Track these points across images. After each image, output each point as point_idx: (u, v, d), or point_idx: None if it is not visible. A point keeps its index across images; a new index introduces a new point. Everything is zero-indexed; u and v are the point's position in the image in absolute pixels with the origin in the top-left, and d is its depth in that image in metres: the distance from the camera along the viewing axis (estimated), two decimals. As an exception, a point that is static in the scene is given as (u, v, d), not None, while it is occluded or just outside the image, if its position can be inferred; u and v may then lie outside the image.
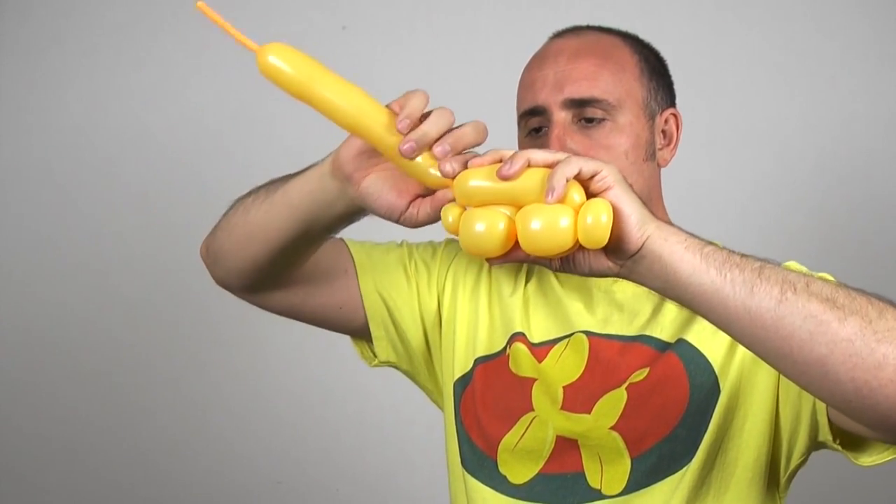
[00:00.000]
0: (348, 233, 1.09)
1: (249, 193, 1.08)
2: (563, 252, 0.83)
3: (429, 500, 1.75)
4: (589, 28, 1.14)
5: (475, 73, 2.01)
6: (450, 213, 0.87)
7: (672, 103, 1.15)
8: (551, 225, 0.81)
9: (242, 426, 2.08)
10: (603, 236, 0.80)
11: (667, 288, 0.84)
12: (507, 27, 2.03)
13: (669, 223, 1.14)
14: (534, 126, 1.09)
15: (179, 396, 2.07)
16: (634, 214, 0.83)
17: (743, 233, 1.61)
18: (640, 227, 0.83)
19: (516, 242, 0.84)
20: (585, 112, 1.06)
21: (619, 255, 0.84)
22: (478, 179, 0.85)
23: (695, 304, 0.83)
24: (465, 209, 0.86)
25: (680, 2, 2.01)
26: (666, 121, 1.13)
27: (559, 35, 1.14)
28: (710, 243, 0.84)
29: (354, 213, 1.00)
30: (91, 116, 2.08)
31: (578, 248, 0.83)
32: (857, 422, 0.85)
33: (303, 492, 2.08)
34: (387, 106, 0.90)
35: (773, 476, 1.05)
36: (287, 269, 1.09)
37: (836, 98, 1.97)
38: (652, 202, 1.11)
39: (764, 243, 1.34)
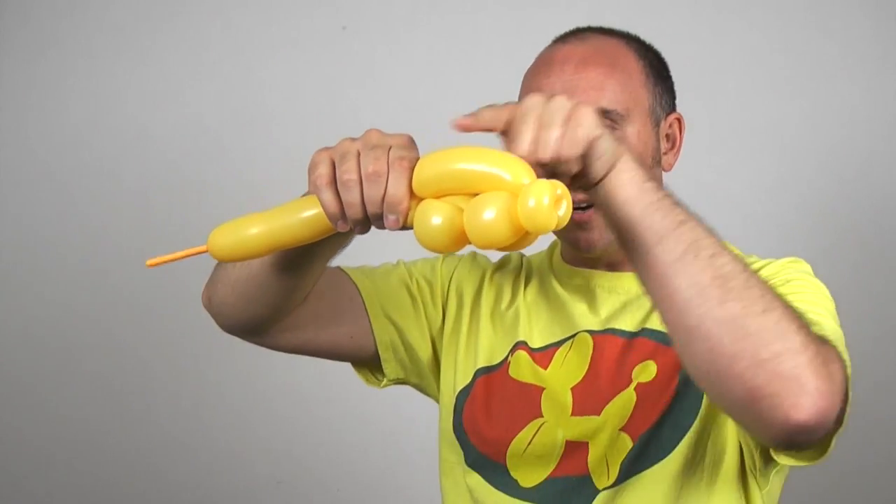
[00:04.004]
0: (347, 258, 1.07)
1: None
2: (509, 244, 0.78)
3: (429, 500, 1.75)
4: (591, 30, 1.11)
5: (475, 73, 2.01)
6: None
7: (674, 106, 1.14)
8: (496, 216, 0.75)
9: (243, 426, 2.08)
10: (546, 221, 0.74)
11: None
12: (507, 27, 2.03)
13: None
14: None
15: (180, 396, 2.07)
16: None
17: (743, 233, 1.60)
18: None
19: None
20: None
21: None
22: (434, 165, 0.81)
23: (619, 234, 0.84)
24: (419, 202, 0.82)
25: (680, 2, 2.01)
26: (670, 125, 1.12)
27: (563, 40, 1.11)
28: (663, 192, 0.83)
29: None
30: (91, 116, 2.08)
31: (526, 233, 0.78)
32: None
33: (303, 491, 2.08)
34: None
35: (751, 467, 1.05)
36: (295, 306, 1.08)
37: (836, 98, 1.97)
38: None
39: (764, 243, 1.33)
